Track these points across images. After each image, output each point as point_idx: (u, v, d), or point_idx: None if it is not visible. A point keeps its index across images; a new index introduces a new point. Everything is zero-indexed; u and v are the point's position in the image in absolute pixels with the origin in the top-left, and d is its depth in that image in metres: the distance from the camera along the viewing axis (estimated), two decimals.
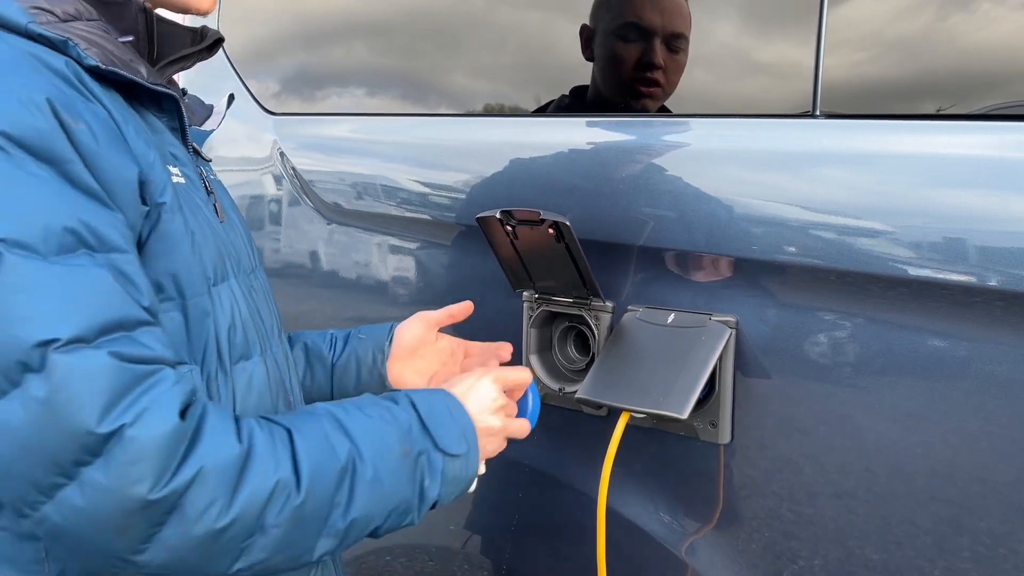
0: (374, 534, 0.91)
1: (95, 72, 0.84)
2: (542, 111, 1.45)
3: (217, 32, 1.01)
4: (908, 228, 1.01)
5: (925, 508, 1.04)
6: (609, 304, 1.28)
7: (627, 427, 1.17)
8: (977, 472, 1.00)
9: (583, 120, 1.38)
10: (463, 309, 1.28)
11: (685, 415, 1.10)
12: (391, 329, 1.28)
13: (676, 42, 1.27)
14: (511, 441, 1.08)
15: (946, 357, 1.01)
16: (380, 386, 1.25)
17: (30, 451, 0.74)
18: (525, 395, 1.13)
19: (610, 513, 1.22)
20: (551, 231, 1.18)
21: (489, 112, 1.54)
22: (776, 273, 1.12)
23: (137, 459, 0.74)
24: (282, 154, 1.84)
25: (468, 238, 1.52)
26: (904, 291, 1.02)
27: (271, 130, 1.87)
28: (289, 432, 0.86)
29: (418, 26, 1.64)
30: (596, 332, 1.28)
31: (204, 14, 0.99)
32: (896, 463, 1.05)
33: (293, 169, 1.82)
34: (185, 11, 0.99)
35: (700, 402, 1.16)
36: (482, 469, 1.03)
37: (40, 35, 0.82)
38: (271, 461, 0.82)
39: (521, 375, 1.10)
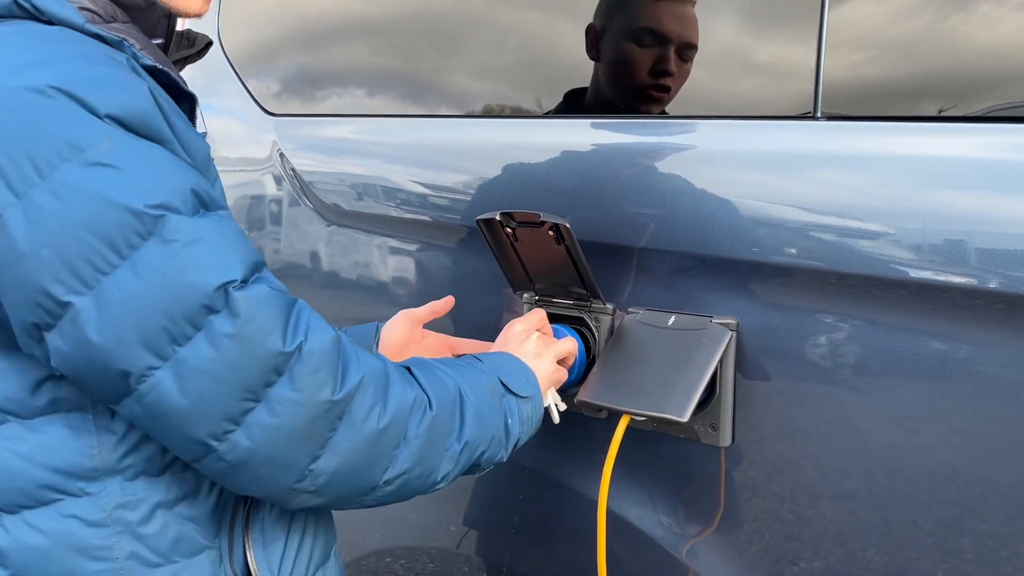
0: (474, 468, 1.02)
1: (147, 68, 0.89)
2: (545, 112, 1.45)
3: (207, 36, 1.08)
4: (908, 230, 1.01)
5: (927, 510, 1.03)
6: (609, 306, 1.27)
7: (627, 430, 1.17)
8: (979, 474, 1.00)
9: (583, 122, 1.38)
10: (445, 304, 1.31)
11: (686, 418, 1.10)
12: (377, 330, 1.28)
13: (687, 51, 1.26)
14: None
15: (948, 359, 1.00)
16: None
17: (223, 384, 0.82)
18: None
19: (610, 515, 1.22)
20: (551, 233, 1.18)
21: (489, 114, 1.54)
22: (777, 275, 1.12)
23: (317, 368, 0.85)
24: (282, 155, 1.84)
25: (468, 240, 1.52)
26: (905, 293, 1.02)
27: (271, 131, 1.87)
28: (408, 368, 0.98)
29: (418, 27, 1.64)
30: (596, 334, 1.28)
31: (198, 16, 1.03)
32: (897, 465, 1.05)
33: (293, 170, 1.82)
34: (178, 15, 1.01)
35: (701, 405, 1.16)
36: (563, 405, 1.20)
37: (96, 34, 0.86)
38: (404, 381, 0.94)
39: (568, 345, 1.22)
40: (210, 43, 1.07)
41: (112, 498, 0.87)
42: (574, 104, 1.40)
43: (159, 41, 0.98)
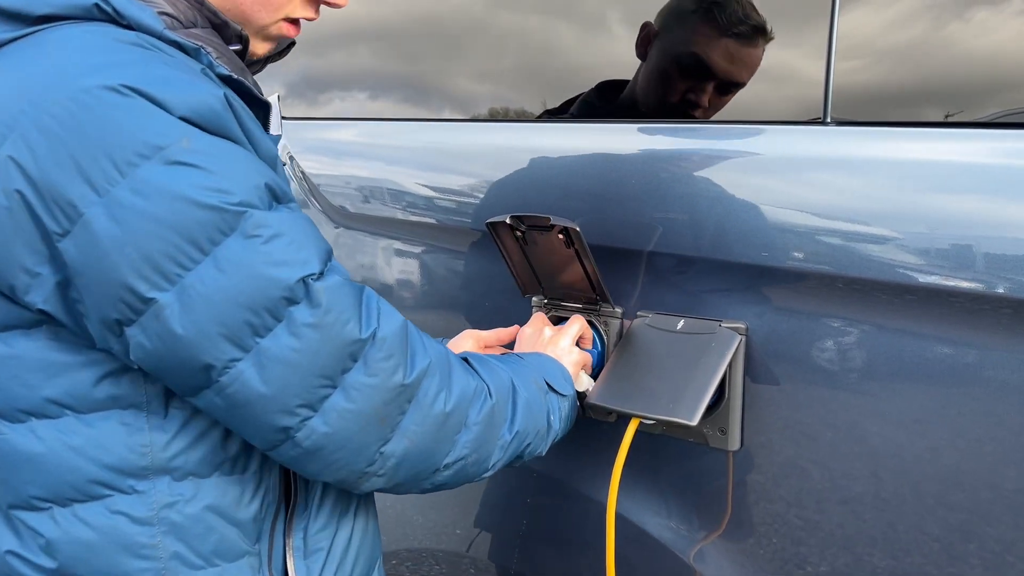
0: (517, 459, 1.06)
1: (221, 78, 0.91)
2: (559, 113, 1.45)
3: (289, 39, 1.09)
4: (916, 234, 1.01)
5: (934, 514, 1.04)
6: (619, 310, 1.28)
7: (637, 433, 1.17)
8: (986, 478, 1.00)
9: (592, 126, 1.38)
10: (509, 333, 1.32)
11: (695, 422, 1.10)
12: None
13: (731, 85, 1.25)
14: None
15: (956, 364, 1.01)
16: None
17: (303, 372, 0.84)
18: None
19: (618, 519, 1.22)
20: (561, 236, 1.18)
21: (497, 117, 1.54)
22: (786, 279, 1.12)
23: (390, 354, 0.89)
24: (291, 157, 1.85)
25: (475, 243, 1.52)
26: (912, 297, 1.02)
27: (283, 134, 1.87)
28: (465, 359, 1.02)
29: (425, 31, 1.64)
30: (606, 338, 1.28)
31: (262, 57, 1.07)
32: (905, 469, 1.05)
33: (302, 173, 1.82)
34: (251, 57, 1.04)
35: (710, 408, 1.16)
36: (591, 384, 1.24)
37: (174, 41, 0.88)
38: (465, 368, 0.98)
39: (576, 325, 1.26)
40: (293, 43, 1.09)
41: (160, 497, 0.89)
42: (581, 108, 1.41)
43: (236, 47, 0.99)
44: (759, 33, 1.19)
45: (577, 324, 1.26)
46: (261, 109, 0.97)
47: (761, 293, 1.15)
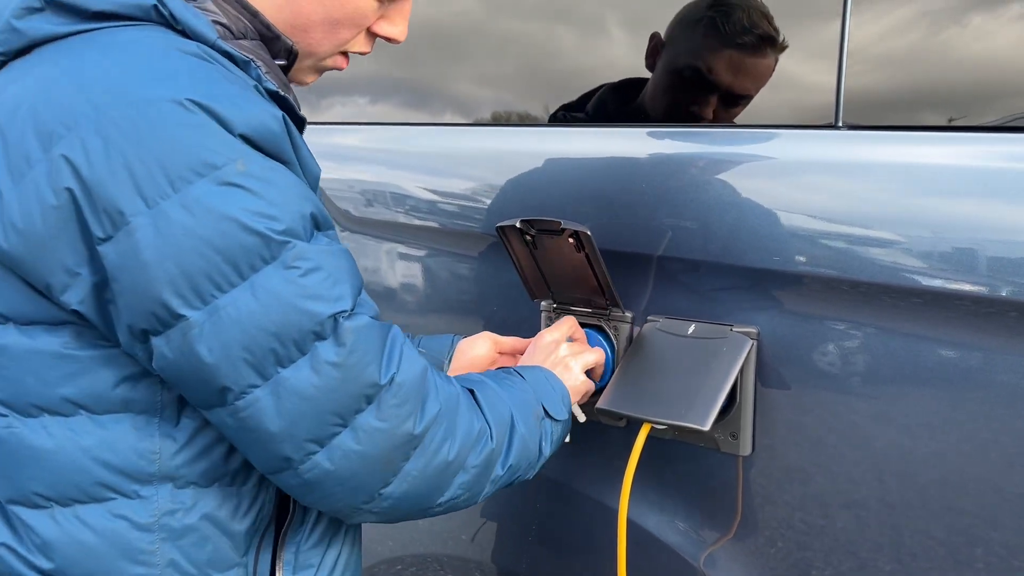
0: (507, 486, 1.05)
1: (269, 93, 0.91)
2: (566, 115, 1.45)
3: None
4: (927, 238, 1.01)
5: (942, 519, 1.04)
6: (629, 314, 1.27)
7: (648, 438, 1.17)
8: (994, 482, 1.00)
9: (600, 130, 1.38)
10: (527, 343, 1.30)
11: (707, 427, 1.10)
12: (452, 344, 1.29)
13: (742, 100, 1.25)
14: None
15: (964, 367, 1.01)
16: None
17: (317, 408, 0.85)
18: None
19: (629, 523, 1.22)
20: (571, 240, 1.18)
21: (501, 121, 1.54)
22: (798, 284, 1.12)
23: (404, 400, 0.89)
24: None
25: (480, 247, 1.52)
26: (920, 301, 1.02)
27: None
28: (472, 391, 1.01)
29: (428, 35, 1.64)
30: (616, 343, 1.28)
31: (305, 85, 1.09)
32: (915, 473, 1.05)
33: None
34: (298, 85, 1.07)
35: (721, 413, 1.16)
36: (582, 416, 1.23)
37: (225, 51, 0.88)
38: (473, 411, 0.98)
39: (597, 357, 1.24)
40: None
41: (162, 504, 0.89)
42: (588, 112, 1.41)
43: (282, 63, 1.00)
44: (767, 43, 1.18)
45: (596, 356, 1.24)
46: (298, 125, 0.97)
47: (773, 297, 1.15)
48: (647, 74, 1.33)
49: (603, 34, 1.40)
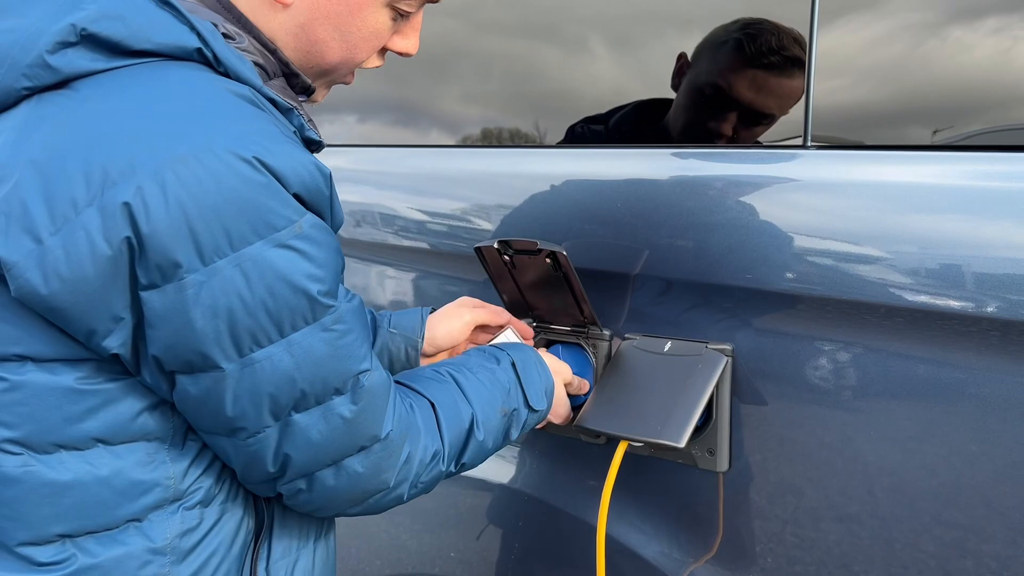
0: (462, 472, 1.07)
1: (306, 141, 0.93)
2: (544, 142, 1.47)
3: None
4: (901, 257, 1.02)
5: (930, 532, 1.04)
6: (607, 332, 1.28)
7: (626, 455, 1.17)
8: (970, 498, 1.00)
9: (580, 151, 1.40)
10: (500, 319, 1.30)
11: (682, 444, 1.11)
12: (423, 321, 1.28)
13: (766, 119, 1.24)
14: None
15: (941, 382, 1.01)
16: None
17: (318, 453, 0.88)
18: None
19: (610, 541, 1.22)
20: (548, 260, 1.20)
21: (487, 143, 1.56)
22: (771, 301, 1.13)
23: (390, 454, 0.93)
24: None
25: (469, 267, 1.53)
26: (897, 317, 1.03)
27: None
28: (433, 405, 1.02)
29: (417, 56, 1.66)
30: (594, 360, 1.29)
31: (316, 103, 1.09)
32: (893, 488, 1.06)
33: None
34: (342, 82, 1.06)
35: (698, 430, 1.17)
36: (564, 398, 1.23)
37: (270, 98, 0.88)
38: (431, 436, 0.99)
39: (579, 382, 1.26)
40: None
41: (174, 527, 0.89)
42: (570, 134, 1.42)
43: (305, 98, 1.01)
44: (793, 64, 1.16)
45: (579, 382, 1.26)
46: None
47: (747, 315, 1.16)
48: (634, 96, 1.35)
49: (590, 54, 1.42)
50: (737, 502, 1.20)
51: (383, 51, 1.03)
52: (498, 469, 1.46)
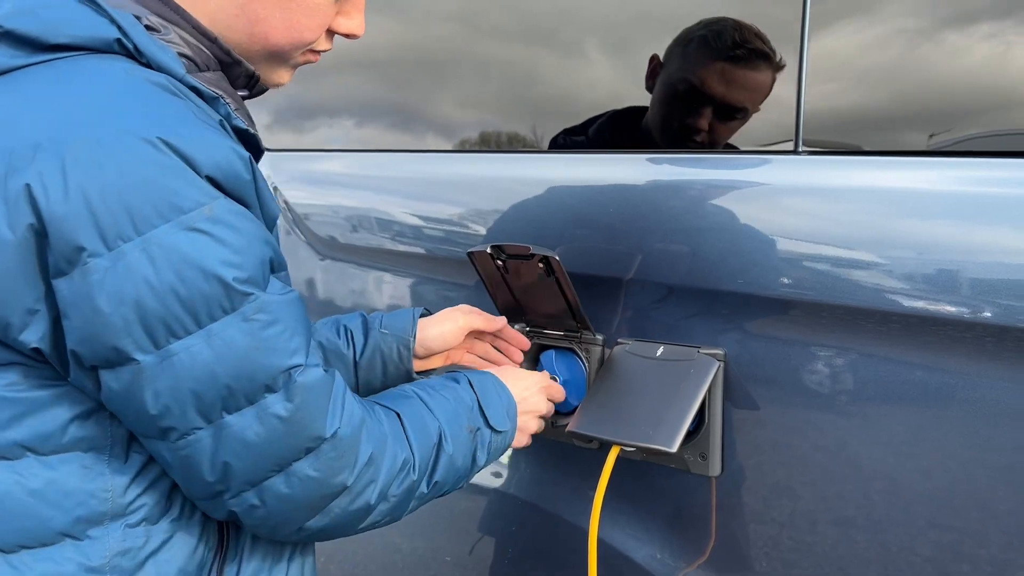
0: (435, 498, 1.04)
1: (236, 130, 0.90)
2: (539, 146, 1.47)
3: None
4: (892, 261, 1.02)
5: (921, 537, 1.04)
6: (599, 337, 1.29)
7: (618, 460, 1.17)
8: (973, 501, 1.01)
9: (574, 156, 1.40)
10: (496, 326, 1.29)
11: (674, 448, 1.11)
12: (414, 321, 1.27)
13: (740, 113, 1.24)
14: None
15: (933, 387, 1.01)
16: (407, 379, 1.25)
17: (258, 457, 0.84)
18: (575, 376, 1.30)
19: (603, 546, 1.22)
20: (541, 265, 1.20)
21: (484, 148, 1.56)
22: (763, 306, 1.14)
23: (342, 453, 0.88)
24: (275, 188, 1.86)
25: (465, 272, 1.54)
26: (889, 322, 1.03)
27: (266, 166, 1.89)
28: (399, 416, 0.99)
29: (413, 61, 1.66)
30: (587, 365, 1.29)
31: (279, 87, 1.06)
32: (887, 492, 1.06)
33: (285, 203, 1.84)
34: (262, 82, 1.02)
35: (690, 435, 1.17)
36: (526, 441, 1.19)
37: (193, 87, 0.86)
38: (398, 443, 0.96)
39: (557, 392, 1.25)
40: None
41: (114, 544, 0.85)
42: (565, 138, 1.43)
43: (244, 93, 0.98)
44: (759, 57, 1.18)
45: (557, 392, 1.24)
46: (257, 157, 0.96)
47: (739, 320, 1.16)
48: (631, 101, 1.35)
49: (586, 59, 1.42)
50: (730, 506, 1.20)
51: (330, 34, 1.01)
52: (491, 474, 1.47)
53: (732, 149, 1.23)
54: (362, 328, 1.27)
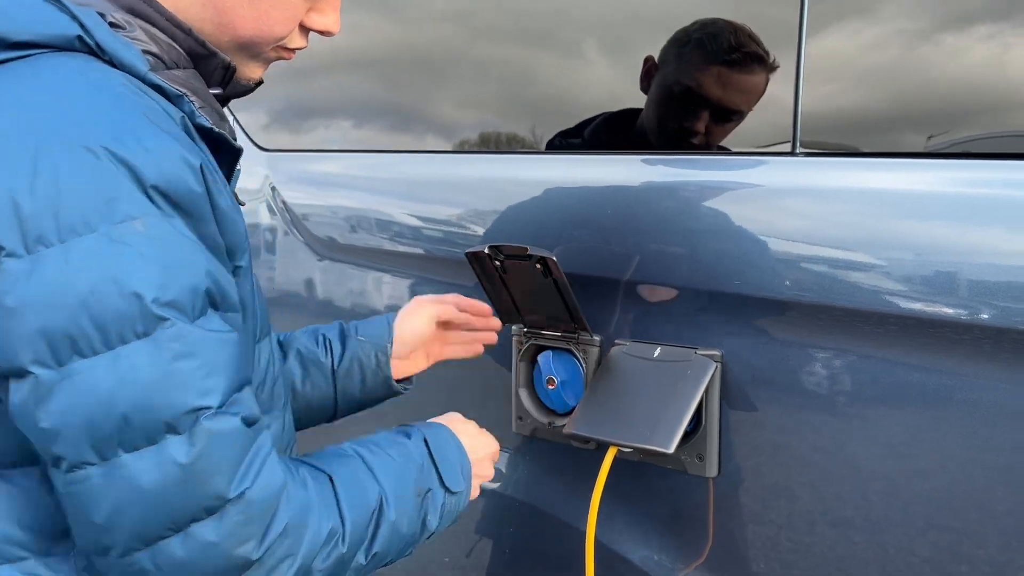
0: (382, 565, 0.95)
1: (200, 129, 0.86)
2: (537, 147, 1.47)
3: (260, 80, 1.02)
4: (889, 262, 1.03)
5: (919, 538, 1.04)
6: (597, 338, 1.29)
7: (616, 461, 1.18)
8: (971, 502, 1.01)
9: (573, 157, 1.40)
10: (471, 305, 1.26)
11: (671, 449, 1.11)
12: (390, 327, 1.24)
13: (736, 115, 1.24)
14: (505, 474, 1.10)
15: (930, 388, 1.02)
16: (385, 386, 1.24)
17: (150, 507, 0.75)
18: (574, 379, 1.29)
19: (600, 547, 1.23)
20: (539, 266, 1.20)
21: (483, 148, 1.56)
22: (760, 307, 1.14)
23: (250, 520, 0.78)
24: (272, 188, 1.86)
25: (463, 272, 1.54)
26: (887, 324, 1.04)
27: (263, 166, 1.89)
28: (331, 479, 0.89)
29: (411, 62, 1.67)
30: (584, 366, 1.29)
31: (254, 80, 1.00)
32: (884, 493, 1.06)
33: (283, 204, 1.84)
34: (237, 76, 0.98)
35: (687, 436, 1.17)
36: (476, 493, 1.09)
37: (156, 84, 0.83)
38: (326, 511, 0.85)
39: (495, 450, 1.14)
40: (260, 82, 1.02)
41: (79, 559, 0.81)
42: (562, 139, 1.43)
43: (217, 91, 0.94)
44: (755, 60, 1.18)
45: (495, 450, 1.14)
46: (233, 158, 0.92)
47: (736, 321, 1.16)
48: (628, 102, 1.35)
49: (585, 60, 1.43)
50: (727, 507, 1.20)
51: (305, 30, 0.97)
52: None
53: (729, 150, 1.23)
54: (339, 336, 1.25)
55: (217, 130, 0.87)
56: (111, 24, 0.84)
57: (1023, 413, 0.95)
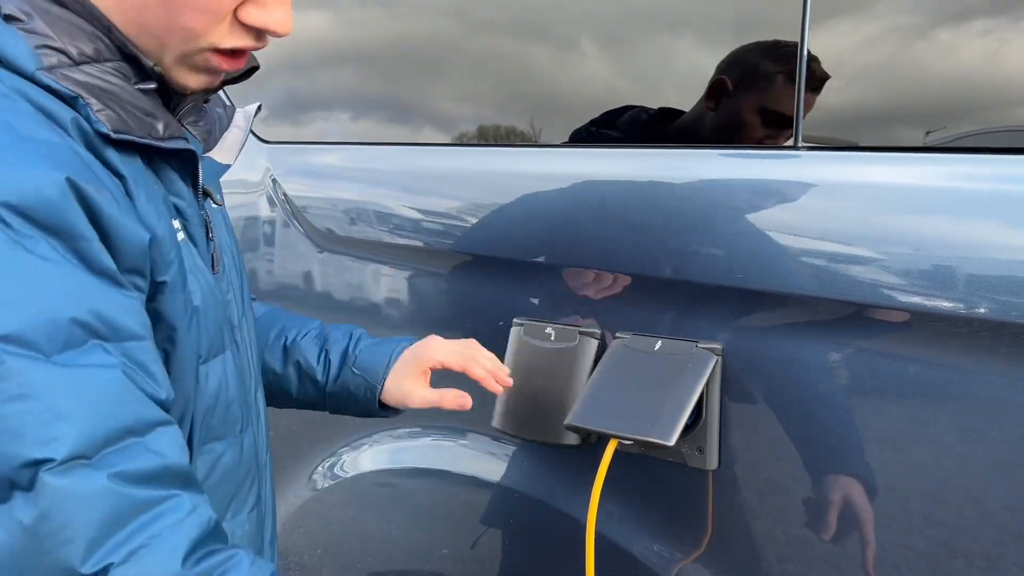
0: None
1: (101, 135, 0.77)
2: (536, 141, 1.47)
3: (253, 59, 0.92)
4: (890, 256, 1.03)
5: (917, 533, 1.05)
6: (597, 331, 1.29)
7: (616, 453, 1.18)
8: (969, 497, 1.01)
9: (574, 150, 1.40)
10: (459, 362, 1.22)
11: (672, 442, 1.12)
12: (388, 368, 1.19)
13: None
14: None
15: (931, 382, 1.02)
16: (375, 411, 1.22)
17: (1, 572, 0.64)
18: None
19: (600, 539, 1.23)
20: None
21: (482, 141, 1.56)
22: (761, 301, 1.14)
23: None
24: (274, 180, 1.86)
25: (461, 265, 1.54)
26: (887, 317, 1.04)
27: (265, 158, 1.89)
28: None
29: (410, 54, 1.66)
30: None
31: (199, 91, 0.89)
32: (883, 488, 1.07)
33: (284, 195, 1.84)
34: (182, 91, 0.88)
35: (687, 428, 1.17)
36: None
37: (47, 86, 0.75)
38: None
39: None
40: (256, 67, 0.94)
41: None
42: (562, 133, 1.43)
43: (151, 86, 0.84)
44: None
45: None
46: (188, 161, 0.84)
47: (737, 314, 1.17)
48: (628, 97, 1.35)
49: (583, 53, 1.43)
50: (726, 500, 1.21)
51: (243, 26, 0.84)
52: (489, 466, 1.47)
53: (732, 144, 1.24)
54: (340, 359, 1.20)
55: (115, 135, 0.77)
56: (5, 16, 0.77)
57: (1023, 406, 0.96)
